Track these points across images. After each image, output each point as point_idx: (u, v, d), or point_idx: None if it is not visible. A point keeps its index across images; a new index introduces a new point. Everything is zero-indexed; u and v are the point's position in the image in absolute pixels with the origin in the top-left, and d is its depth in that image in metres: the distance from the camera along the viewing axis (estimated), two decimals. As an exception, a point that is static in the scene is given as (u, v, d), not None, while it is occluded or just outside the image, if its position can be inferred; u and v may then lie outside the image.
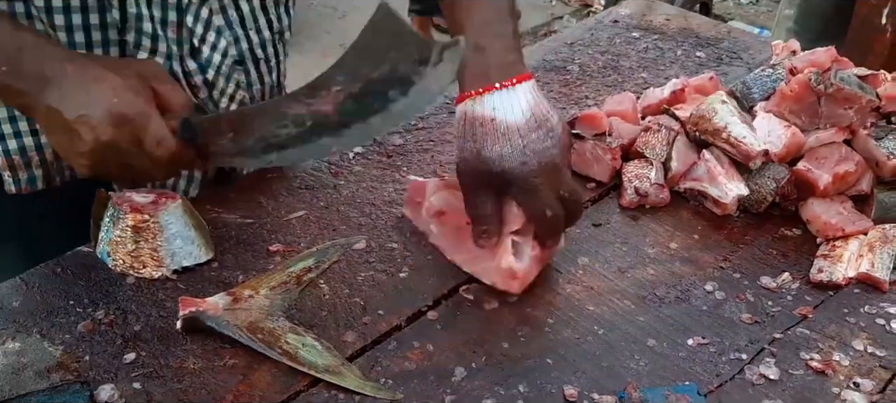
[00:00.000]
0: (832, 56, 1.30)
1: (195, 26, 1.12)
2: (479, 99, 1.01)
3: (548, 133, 1.02)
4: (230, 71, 1.16)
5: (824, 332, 1.02)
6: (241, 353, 0.96)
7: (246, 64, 1.17)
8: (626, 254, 1.14)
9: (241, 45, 1.16)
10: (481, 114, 1.01)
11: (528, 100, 1.02)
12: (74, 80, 0.98)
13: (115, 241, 1.06)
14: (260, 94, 1.22)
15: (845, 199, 1.20)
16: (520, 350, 0.99)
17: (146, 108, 0.99)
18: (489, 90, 1.01)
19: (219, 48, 1.14)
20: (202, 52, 1.13)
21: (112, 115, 0.97)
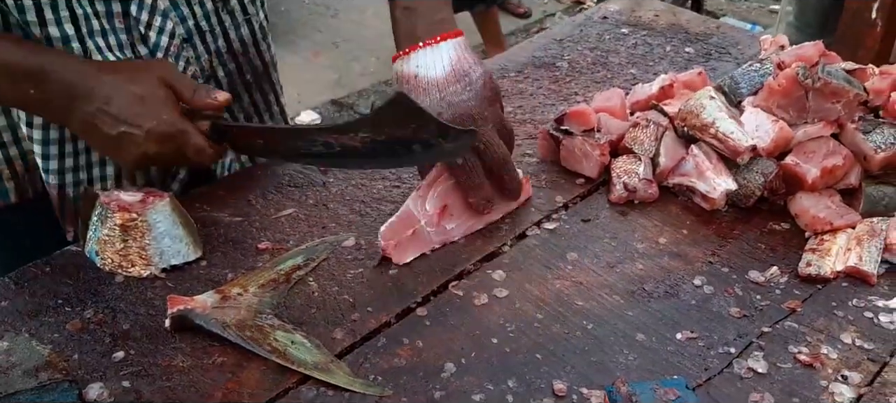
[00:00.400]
0: (820, 50, 1.30)
1: (141, 14, 1.13)
2: (405, 58, 1.09)
3: (466, 86, 1.08)
4: (179, 51, 1.18)
5: (813, 326, 1.03)
6: (230, 351, 0.96)
7: (193, 39, 1.20)
8: (615, 249, 1.14)
9: (187, 23, 1.18)
10: (407, 72, 1.09)
11: (451, 56, 1.09)
12: (104, 96, 1.03)
13: (104, 240, 1.06)
14: (208, 64, 1.23)
15: (833, 193, 1.20)
16: (509, 346, 0.99)
17: (182, 124, 1.06)
18: (415, 49, 1.09)
19: (166, 30, 1.15)
20: (149, 38, 1.14)
21: (156, 135, 1.04)
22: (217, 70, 1.25)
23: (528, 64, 1.56)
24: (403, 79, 1.10)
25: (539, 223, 1.18)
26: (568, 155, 1.27)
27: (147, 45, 1.15)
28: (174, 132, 1.05)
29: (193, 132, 1.07)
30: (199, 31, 1.21)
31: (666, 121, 1.27)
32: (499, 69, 1.54)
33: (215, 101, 1.09)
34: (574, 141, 1.26)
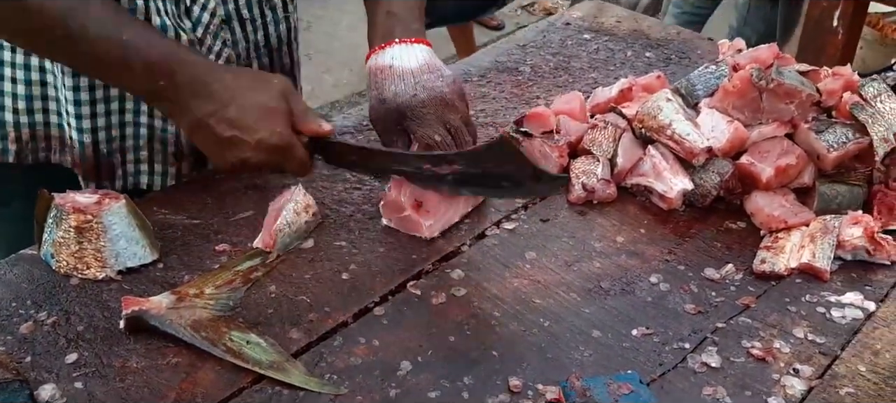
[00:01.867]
0: (774, 53, 1.32)
1: None
2: (381, 52, 1.18)
3: (439, 76, 1.18)
4: (217, 30, 1.23)
5: (766, 321, 1.04)
6: (185, 352, 0.96)
7: (231, 23, 1.24)
8: (573, 248, 1.15)
9: (228, 5, 1.23)
10: (382, 64, 1.18)
11: (425, 55, 1.19)
12: (226, 99, 1.09)
13: (59, 242, 1.05)
14: (245, 52, 1.28)
15: (788, 192, 1.22)
16: (466, 344, 1.00)
17: (291, 138, 1.11)
18: (390, 44, 1.18)
19: (208, 8, 1.20)
20: (193, 11, 1.20)
21: (264, 145, 1.10)
22: (253, 62, 1.30)
23: (492, 68, 1.57)
24: (378, 70, 1.18)
25: (498, 223, 1.19)
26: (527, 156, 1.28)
27: (190, 18, 1.19)
28: (284, 145, 1.11)
29: (298, 147, 1.12)
30: (239, 17, 1.25)
31: (624, 122, 1.29)
32: (462, 73, 1.55)
33: (321, 129, 1.14)
34: (534, 142, 1.27)
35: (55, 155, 1.27)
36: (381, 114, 1.18)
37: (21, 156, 1.26)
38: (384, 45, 1.19)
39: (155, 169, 1.28)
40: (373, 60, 1.20)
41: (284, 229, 1.10)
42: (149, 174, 1.28)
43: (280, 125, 1.10)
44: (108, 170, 1.26)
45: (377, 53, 1.19)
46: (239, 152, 1.10)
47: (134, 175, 1.28)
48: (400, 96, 1.16)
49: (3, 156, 1.25)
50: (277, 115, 1.10)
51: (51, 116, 1.24)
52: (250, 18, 1.27)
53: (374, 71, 1.19)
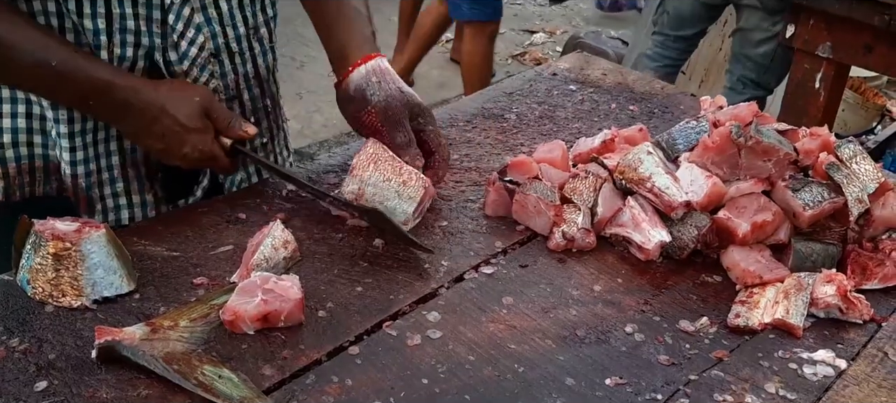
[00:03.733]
0: (754, 111, 1.35)
1: (177, 24, 1.22)
2: (379, 58, 1.29)
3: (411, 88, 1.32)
4: (205, 62, 1.26)
5: (738, 375, 1.05)
6: (156, 384, 0.95)
7: (221, 56, 1.28)
8: (551, 295, 1.16)
9: (217, 39, 1.27)
10: (386, 67, 1.29)
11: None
12: (151, 118, 1.18)
13: (36, 269, 1.05)
14: (234, 84, 1.32)
15: (764, 248, 1.24)
16: (439, 387, 0.99)
17: (212, 150, 1.22)
18: (382, 55, 1.30)
19: (196, 42, 1.24)
20: (181, 46, 1.23)
21: (189, 158, 1.21)
22: (243, 93, 1.34)
23: (478, 114, 1.59)
24: (385, 70, 1.28)
25: (477, 267, 1.20)
26: (520, 209, 1.29)
27: (177, 52, 1.24)
28: (205, 158, 1.22)
29: (221, 157, 1.23)
30: (228, 50, 1.29)
31: (605, 173, 1.30)
32: (448, 118, 1.57)
33: (246, 134, 1.24)
34: (529, 197, 1.27)
35: (40, 186, 1.27)
36: (404, 104, 1.27)
37: (8, 192, 1.26)
38: (374, 54, 1.29)
39: (133, 200, 1.29)
40: (377, 62, 1.28)
41: (261, 264, 1.10)
42: (128, 207, 1.30)
43: (200, 141, 1.20)
44: (86, 204, 1.28)
45: (376, 59, 1.28)
46: (172, 159, 1.21)
47: (114, 210, 1.29)
48: (416, 97, 1.29)
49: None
50: (198, 133, 1.19)
51: (36, 149, 1.26)
52: (239, 51, 1.30)
53: (381, 71, 1.27)
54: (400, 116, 1.26)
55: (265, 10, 1.34)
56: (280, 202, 1.29)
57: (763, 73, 3.21)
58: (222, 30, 1.27)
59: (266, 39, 1.35)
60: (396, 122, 1.26)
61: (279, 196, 1.31)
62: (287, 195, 1.31)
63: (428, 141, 1.30)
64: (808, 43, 2.54)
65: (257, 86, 1.36)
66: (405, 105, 1.27)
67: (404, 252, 1.21)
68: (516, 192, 1.28)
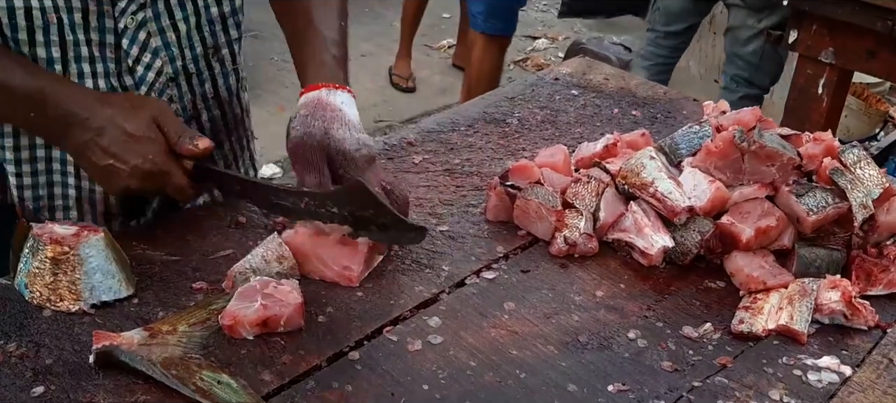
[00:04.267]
0: (757, 116, 1.34)
1: (131, 49, 1.18)
2: (333, 91, 1.16)
3: (370, 139, 1.17)
4: (163, 87, 1.22)
5: (742, 382, 1.04)
6: (154, 389, 0.94)
7: (178, 78, 1.24)
8: (553, 301, 1.15)
9: (176, 63, 1.23)
10: (333, 102, 1.15)
11: (356, 112, 1.18)
12: (97, 128, 1.09)
13: (34, 273, 1.04)
14: (191, 105, 1.27)
15: (767, 254, 1.23)
16: (440, 392, 0.98)
17: (166, 164, 1.12)
18: (342, 89, 1.17)
19: (153, 67, 1.20)
20: (137, 70, 1.19)
21: (140, 172, 1.10)
22: (202, 113, 1.30)
23: (480, 119, 1.58)
24: (328, 106, 1.15)
25: (478, 272, 1.19)
26: (521, 214, 1.28)
27: (133, 77, 1.20)
28: (157, 172, 1.11)
29: (176, 173, 1.13)
30: (186, 72, 1.25)
31: (607, 178, 1.30)
32: (450, 123, 1.56)
33: (197, 149, 1.13)
34: (531, 203, 1.25)
35: (8, 196, 1.24)
36: (322, 148, 1.13)
37: None
38: (337, 86, 1.17)
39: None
40: (323, 94, 1.16)
41: (246, 273, 1.09)
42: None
43: (152, 152, 1.11)
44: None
45: (329, 91, 1.16)
46: (118, 179, 1.11)
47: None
48: (347, 143, 1.13)
49: None
50: (149, 142, 1.11)
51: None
52: (197, 71, 1.26)
53: (323, 105, 1.14)
54: (311, 157, 1.13)
55: (228, 31, 1.28)
56: (280, 206, 1.28)
57: (755, 72, 3.24)
58: (180, 52, 1.22)
59: (228, 61, 1.30)
60: (307, 163, 1.13)
61: (279, 200, 1.30)
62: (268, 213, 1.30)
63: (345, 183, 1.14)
64: (811, 48, 2.53)
65: (217, 107, 1.31)
66: (322, 149, 1.12)
67: (405, 256, 1.20)
68: (518, 197, 1.27)
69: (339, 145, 1.13)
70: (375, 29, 5.29)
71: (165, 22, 1.20)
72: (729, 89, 3.32)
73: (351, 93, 1.18)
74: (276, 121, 4.39)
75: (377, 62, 4.90)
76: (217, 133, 1.33)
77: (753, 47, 3.20)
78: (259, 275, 1.08)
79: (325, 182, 1.13)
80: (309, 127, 1.13)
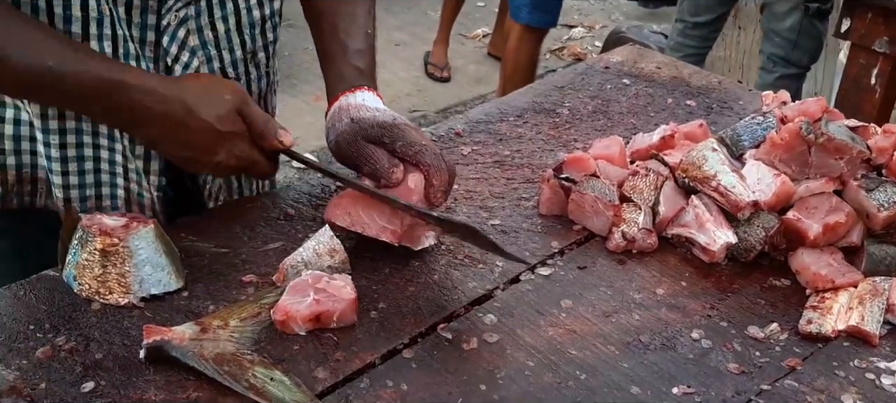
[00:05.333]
0: (823, 106, 1.29)
1: (170, 46, 1.14)
2: (351, 94, 1.17)
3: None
4: None
5: (813, 385, 0.99)
6: (206, 386, 0.92)
7: None
8: (612, 298, 1.11)
9: (212, 64, 1.19)
10: (352, 102, 1.16)
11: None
12: (170, 124, 1.05)
13: (83, 265, 1.02)
14: None
15: (835, 251, 1.17)
16: (497, 393, 0.95)
17: (251, 155, 1.10)
18: (361, 89, 1.18)
19: (191, 67, 1.16)
20: (175, 70, 1.15)
21: (224, 166, 1.09)
22: None
23: (528, 109, 1.54)
24: (351, 106, 1.15)
25: (533, 268, 1.15)
26: (577, 209, 1.23)
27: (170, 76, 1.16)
28: (244, 165, 1.10)
29: (261, 161, 1.11)
30: (224, 75, 1.21)
31: (666, 170, 1.25)
32: (498, 113, 1.52)
33: (282, 145, 1.12)
34: (586, 197, 1.21)
35: (41, 199, 1.22)
36: (358, 132, 1.12)
37: (5, 200, 1.21)
38: (355, 89, 1.17)
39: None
40: (344, 99, 1.17)
41: (298, 267, 1.06)
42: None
43: (237, 147, 1.08)
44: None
45: (347, 95, 1.17)
46: (200, 168, 1.10)
47: None
48: (379, 116, 1.13)
49: None
50: (234, 137, 1.07)
51: (39, 159, 1.19)
52: (235, 76, 1.23)
53: (346, 107, 1.15)
54: (353, 148, 1.12)
55: (265, 34, 1.25)
56: (330, 198, 1.25)
57: (792, 49, 3.16)
58: (218, 53, 1.19)
59: (263, 64, 1.27)
60: (353, 156, 1.13)
61: (329, 191, 1.27)
62: (336, 190, 1.27)
63: (404, 157, 1.11)
64: (865, 37, 2.45)
65: None
66: (355, 134, 1.12)
67: (458, 251, 1.16)
68: (573, 191, 1.23)
69: (373, 121, 1.12)
70: (409, 18, 5.26)
71: (205, 20, 1.16)
72: (766, 69, 3.24)
73: (374, 92, 1.18)
74: (311, 111, 4.39)
75: (411, 52, 4.87)
76: None
77: (790, 22, 3.12)
78: (310, 269, 1.05)
79: (375, 162, 1.10)
80: (338, 130, 1.14)
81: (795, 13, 3.09)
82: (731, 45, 3.95)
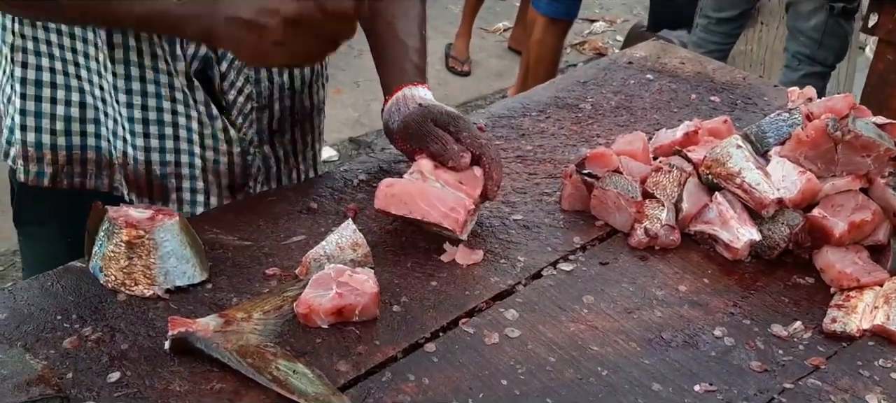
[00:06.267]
0: (850, 103, 1.27)
1: None
2: (413, 88, 1.25)
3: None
4: (242, 65, 1.22)
5: (837, 385, 0.98)
6: (230, 378, 0.93)
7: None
8: (633, 295, 1.10)
9: None
10: (415, 94, 1.24)
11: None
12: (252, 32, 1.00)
13: (109, 256, 1.03)
14: (267, 92, 1.28)
15: (861, 249, 1.16)
16: (519, 388, 0.95)
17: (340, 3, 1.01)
18: (421, 85, 1.27)
19: None
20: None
21: (322, 43, 1.03)
22: (274, 104, 1.30)
23: (551, 104, 1.54)
24: (415, 96, 1.24)
25: (555, 263, 1.15)
26: (599, 204, 1.23)
27: (216, 52, 1.20)
28: (336, 16, 1.00)
29: (348, 5, 0.99)
30: None
31: (690, 167, 1.24)
32: (520, 107, 1.52)
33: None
34: (609, 193, 1.20)
35: (91, 180, 1.27)
36: (425, 115, 1.19)
37: (56, 179, 1.26)
38: (417, 83, 1.26)
39: (210, 201, 1.28)
40: (408, 91, 1.25)
41: (320, 260, 1.06)
42: (205, 205, 1.28)
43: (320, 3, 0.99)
44: (160, 191, 1.26)
45: (410, 88, 1.25)
46: (272, 18, 0.99)
47: (190, 204, 1.27)
48: (446, 108, 1.21)
49: (38, 180, 1.26)
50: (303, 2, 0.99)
51: (89, 139, 1.24)
52: None
53: (411, 97, 1.23)
54: (422, 128, 1.18)
55: None
56: (352, 192, 1.26)
57: (817, 48, 3.13)
58: None
59: None
60: (422, 135, 1.18)
61: (352, 185, 1.27)
62: (358, 184, 1.28)
63: (469, 145, 1.17)
64: (892, 32, 2.41)
65: (290, 97, 1.32)
66: (425, 116, 1.19)
67: (478, 245, 1.16)
68: (595, 187, 1.22)
69: (441, 109, 1.20)
70: (431, 12, 5.25)
71: None
72: (790, 67, 3.21)
73: (429, 88, 1.28)
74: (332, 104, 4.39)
75: (432, 45, 4.83)
76: (284, 123, 1.33)
77: (816, 22, 3.09)
78: (333, 263, 1.06)
79: (444, 142, 1.17)
80: (404, 113, 1.22)
81: (820, 13, 3.06)
82: (753, 41, 3.91)
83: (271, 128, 1.31)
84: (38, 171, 1.25)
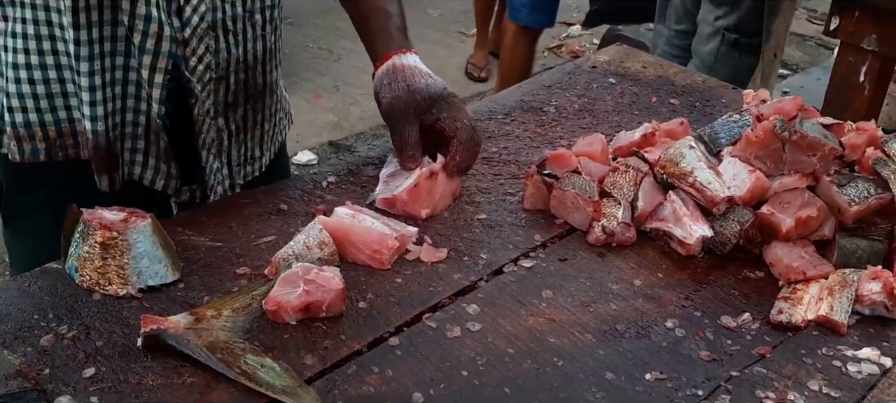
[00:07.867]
0: (798, 105, 1.33)
1: None
2: (403, 55, 1.32)
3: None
4: (203, 34, 1.26)
5: (781, 372, 1.03)
6: (200, 372, 0.97)
7: (216, 31, 1.27)
8: (590, 289, 1.15)
9: (216, 13, 1.26)
10: (407, 63, 1.32)
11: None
12: None
13: (84, 257, 1.07)
14: (225, 64, 1.31)
15: (808, 244, 1.22)
16: (478, 379, 1.00)
17: None
18: (410, 51, 1.34)
19: (198, 11, 1.23)
20: (185, 11, 1.22)
21: None
22: (230, 76, 1.33)
23: (516, 107, 1.59)
24: (404, 68, 1.31)
25: (516, 260, 1.20)
26: (558, 204, 1.28)
27: (181, 18, 1.23)
28: None
29: None
30: (224, 27, 1.28)
31: (646, 167, 1.29)
32: (487, 111, 1.57)
33: None
34: (567, 193, 1.26)
35: (85, 151, 1.27)
36: (409, 103, 1.28)
37: (51, 154, 1.27)
38: (406, 50, 1.33)
39: (148, 162, 1.29)
40: (397, 60, 1.31)
41: (289, 259, 1.11)
42: (143, 166, 1.29)
43: None
44: (113, 160, 1.28)
45: (400, 55, 1.32)
46: None
47: (129, 165, 1.29)
48: (432, 88, 1.29)
49: (35, 157, 1.27)
50: None
51: (74, 112, 1.26)
52: (233, 31, 1.29)
53: (400, 68, 1.30)
54: (403, 116, 1.29)
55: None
56: (321, 193, 1.30)
57: (709, 73, 3.09)
58: (222, 4, 1.26)
59: (259, 25, 1.33)
60: (398, 123, 1.29)
61: (321, 187, 1.32)
62: (328, 186, 1.32)
63: (444, 128, 1.29)
64: (853, 35, 2.48)
65: (244, 71, 1.34)
66: (411, 103, 1.28)
67: (443, 244, 1.21)
68: (555, 187, 1.28)
69: (426, 92, 1.28)
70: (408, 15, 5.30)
71: None
72: None
73: (416, 53, 1.34)
74: (312, 108, 4.44)
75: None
76: (238, 96, 1.35)
77: (710, 47, 3.03)
78: (301, 261, 1.10)
79: (410, 140, 1.28)
80: (394, 91, 1.29)
81: (715, 38, 2.99)
82: None
83: (227, 100, 1.33)
84: (32, 150, 1.26)
